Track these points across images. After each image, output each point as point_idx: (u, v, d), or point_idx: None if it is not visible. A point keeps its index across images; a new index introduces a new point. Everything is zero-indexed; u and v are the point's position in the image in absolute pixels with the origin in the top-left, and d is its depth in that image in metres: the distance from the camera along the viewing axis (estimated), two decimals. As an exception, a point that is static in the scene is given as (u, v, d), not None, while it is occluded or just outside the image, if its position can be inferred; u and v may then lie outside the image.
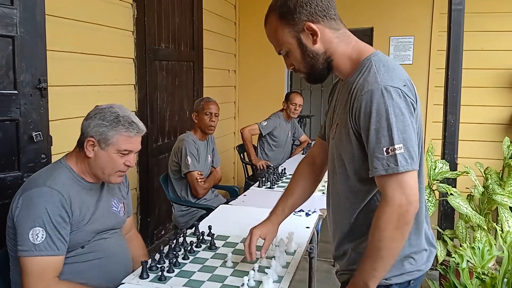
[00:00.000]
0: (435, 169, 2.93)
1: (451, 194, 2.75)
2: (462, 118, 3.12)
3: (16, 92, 2.00)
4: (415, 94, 1.19)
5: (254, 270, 1.44)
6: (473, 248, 2.09)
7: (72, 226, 1.51)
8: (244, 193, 2.56)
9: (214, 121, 2.99)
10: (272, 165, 3.51)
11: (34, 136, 2.06)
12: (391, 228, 1.12)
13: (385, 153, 1.11)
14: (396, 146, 1.11)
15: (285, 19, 1.21)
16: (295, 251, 1.67)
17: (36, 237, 1.42)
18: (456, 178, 3.04)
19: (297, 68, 1.28)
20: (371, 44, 5.26)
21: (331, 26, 1.22)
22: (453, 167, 3.05)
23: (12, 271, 1.57)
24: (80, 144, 1.58)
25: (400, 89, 1.13)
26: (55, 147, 2.22)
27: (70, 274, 1.52)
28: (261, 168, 3.96)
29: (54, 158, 2.17)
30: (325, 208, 2.15)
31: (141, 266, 1.47)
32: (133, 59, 3.34)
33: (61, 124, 2.47)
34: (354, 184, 1.26)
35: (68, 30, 2.65)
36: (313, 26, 1.19)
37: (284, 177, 2.96)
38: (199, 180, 2.85)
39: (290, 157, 4.12)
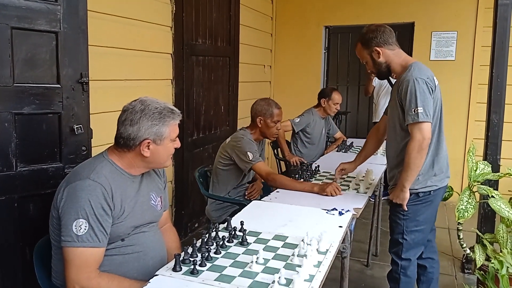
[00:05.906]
0: (476, 170, 2.83)
1: (492, 196, 2.65)
2: (506, 118, 3.01)
3: (59, 86, 2.08)
4: (435, 84, 2.12)
5: (284, 268, 1.44)
6: (514, 254, 2.01)
7: (113, 219, 1.55)
8: (276, 190, 2.55)
9: (280, 128, 3.01)
10: (305, 162, 3.48)
11: (75, 128, 2.14)
12: (415, 152, 2.06)
13: (413, 111, 2.03)
14: (418, 108, 2.02)
15: (364, 45, 2.26)
16: (327, 250, 1.65)
17: (79, 228, 1.47)
18: (498, 180, 2.92)
19: (371, 70, 2.32)
20: (412, 40, 5.13)
21: (389, 48, 2.22)
22: (496, 168, 2.94)
23: (53, 259, 1.63)
24: (128, 146, 1.61)
25: (424, 79, 2.07)
26: (95, 140, 2.29)
27: (109, 266, 1.56)
28: (295, 164, 3.93)
29: (94, 150, 2.24)
30: (359, 207, 2.12)
31: (174, 259, 1.49)
32: (171, 54, 3.40)
33: (101, 117, 2.54)
34: (399, 132, 2.21)
35: (109, 26, 2.72)
36: (378, 49, 2.21)
37: (318, 174, 2.90)
38: (252, 196, 2.88)
39: (323, 154, 4.05)
